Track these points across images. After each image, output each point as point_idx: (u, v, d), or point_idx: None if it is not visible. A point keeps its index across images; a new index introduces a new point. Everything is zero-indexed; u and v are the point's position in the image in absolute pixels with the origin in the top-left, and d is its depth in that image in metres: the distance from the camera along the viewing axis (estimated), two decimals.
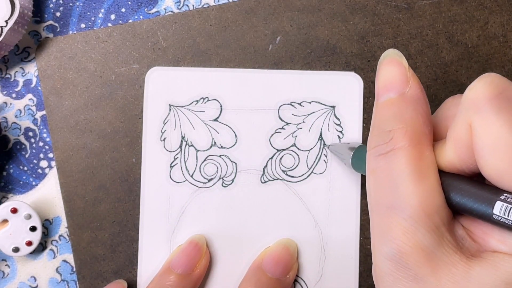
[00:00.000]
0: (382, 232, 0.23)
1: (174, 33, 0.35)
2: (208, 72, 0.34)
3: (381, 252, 0.23)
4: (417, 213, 0.21)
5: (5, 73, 0.35)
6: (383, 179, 0.23)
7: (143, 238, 0.34)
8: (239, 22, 0.34)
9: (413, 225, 0.21)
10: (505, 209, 0.20)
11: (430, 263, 0.21)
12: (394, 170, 0.22)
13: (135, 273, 0.35)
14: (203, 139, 0.34)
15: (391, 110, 0.24)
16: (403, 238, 0.22)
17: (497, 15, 0.33)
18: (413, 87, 0.24)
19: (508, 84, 0.21)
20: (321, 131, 0.34)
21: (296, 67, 0.34)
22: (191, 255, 0.33)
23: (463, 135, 0.22)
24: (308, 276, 0.34)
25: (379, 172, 0.23)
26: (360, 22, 0.34)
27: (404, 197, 0.22)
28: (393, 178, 0.22)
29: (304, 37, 0.34)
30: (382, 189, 0.23)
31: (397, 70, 0.24)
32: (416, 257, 0.21)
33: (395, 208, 0.22)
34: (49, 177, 0.35)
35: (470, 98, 0.22)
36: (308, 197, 0.34)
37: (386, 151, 0.23)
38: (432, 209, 0.22)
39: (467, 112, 0.22)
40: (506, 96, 0.21)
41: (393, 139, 0.23)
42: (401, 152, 0.22)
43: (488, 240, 0.22)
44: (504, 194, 0.21)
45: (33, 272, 0.36)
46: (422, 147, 0.23)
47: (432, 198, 0.22)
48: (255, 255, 0.34)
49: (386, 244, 0.22)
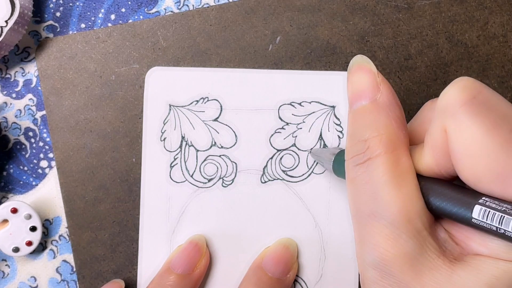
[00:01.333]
0: (364, 240, 0.23)
1: (174, 33, 0.35)
2: (208, 72, 0.34)
3: (364, 260, 0.23)
4: (398, 219, 0.21)
5: (5, 73, 0.35)
6: (363, 187, 0.23)
7: (143, 238, 0.34)
8: (239, 22, 0.34)
9: (394, 231, 0.21)
10: (484, 213, 0.20)
11: (414, 269, 0.21)
12: (372, 178, 0.22)
13: (135, 273, 0.35)
14: (203, 139, 0.34)
15: (364, 118, 0.24)
16: (385, 245, 0.22)
17: (497, 15, 0.33)
18: (384, 93, 0.24)
19: (481, 88, 0.21)
20: (321, 131, 0.34)
21: (296, 67, 0.34)
22: (191, 255, 0.33)
23: (439, 140, 0.22)
24: (308, 276, 0.34)
25: (358, 181, 0.23)
26: (360, 22, 0.34)
27: (384, 204, 0.22)
28: (372, 186, 0.22)
29: (304, 37, 0.34)
30: (362, 197, 0.23)
31: (367, 76, 0.24)
32: (399, 263, 0.21)
33: (375, 215, 0.22)
34: (49, 177, 0.35)
35: (444, 103, 0.22)
36: (308, 197, 0.34)
37: (363, 160, 0.23)
38: (412, 214, 0.22)
39: (442, 117, 0.22)
40: (479, 100, 0.21)
41: (369, 148, 0.23)
42: (378, 160, 0.22)
43: (470, 243, 0.22)
44: (483, 198, 0.20)
45: (33, 272, 0.36)
46: (398, 152, 0.23)
47: (412, 203, 0.22)
48: (255, 255, 0.34)
49: (369, 252, 0.22)
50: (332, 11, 0.34)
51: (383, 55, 0.33)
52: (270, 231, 0.34)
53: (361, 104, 0.24)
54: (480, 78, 0.33)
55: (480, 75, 0.33)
